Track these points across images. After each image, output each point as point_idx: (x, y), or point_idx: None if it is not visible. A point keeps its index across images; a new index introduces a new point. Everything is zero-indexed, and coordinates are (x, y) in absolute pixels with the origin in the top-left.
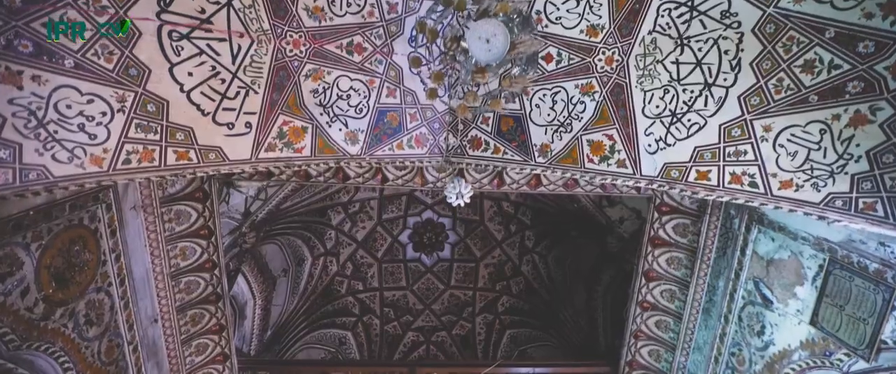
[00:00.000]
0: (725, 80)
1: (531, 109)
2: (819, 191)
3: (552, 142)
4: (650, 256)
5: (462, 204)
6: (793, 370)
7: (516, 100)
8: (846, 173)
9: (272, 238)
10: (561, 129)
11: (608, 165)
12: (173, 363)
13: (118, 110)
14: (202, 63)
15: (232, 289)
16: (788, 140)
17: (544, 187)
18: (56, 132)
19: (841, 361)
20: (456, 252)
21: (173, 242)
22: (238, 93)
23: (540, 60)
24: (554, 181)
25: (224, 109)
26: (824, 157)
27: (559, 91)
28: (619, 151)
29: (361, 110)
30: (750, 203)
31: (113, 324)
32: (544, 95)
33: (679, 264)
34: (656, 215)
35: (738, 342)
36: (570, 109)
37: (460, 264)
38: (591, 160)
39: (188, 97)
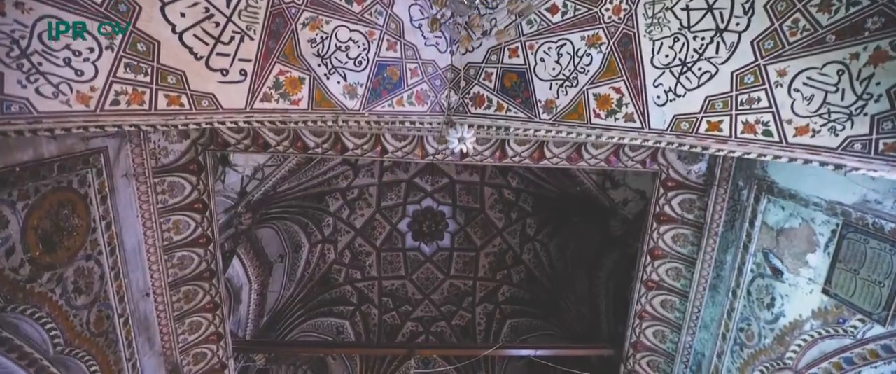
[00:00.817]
0: (737, 24)
1: (535, 64)
2: (837, 135)
3: (557, 97)
4: (656, 233)
5: (466, 150)
6: (804, 340)
7: (520, 54)
8: (865, 115)
9: (268, 222)
10: (566, 83)
11: (615, 119)
12: (166, 340)
13: (106, 47)
14: (195, 4)
15: (227, 271)
16: (804, 84)
17: (547, 160)
18: (40, 64)
19: (855, 328)
20: (456, 241)
21: (166, 214)
22: (233, 38)
23: (544, 12)
24: (557, 154)
25: (218, 54)
26: (842, 99)
27: (564, 43)
28: (626, 105)
29: (361, 63)
30: (762, 157)
31: (103, 294)
32: (549, 49)
33: (685, 241)
34: (662, 190)
35: (747, 316)
36: (576, 63)
37: (460, 253)
38: (597, 115)
39: (180, 39)
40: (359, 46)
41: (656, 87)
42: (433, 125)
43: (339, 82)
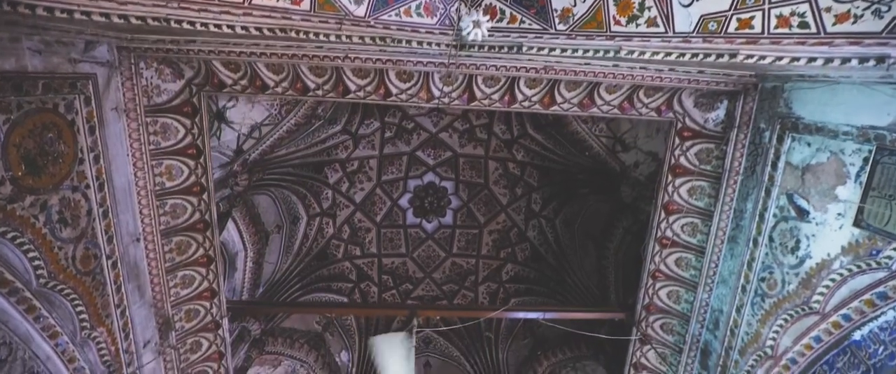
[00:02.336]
0: None
1: None
2: (881, 18)
3: (574, 5)
4: (670, 187)
5: (480, 36)
6: (832, 280)
7: None
8: None
9: (265, 188)
10: None
11: (637, 25)
12: (157, 292)
13: None
14: None
15: (222, 234)
16: None
17: (558, 105)
18: None
19: (889, 258)
20: (458, 218)
21: (158, 157)
22: None
23: None
24: (569, 99)
25: None
26: None
27: None
28: (649, 8)
29: None
30: (795, 62)
31: (90, 231)
32: None
33: (701, 194)
34: (677, 140)
35: (769, 264)
36: None
37: (463, 231)
38: (617, 22)
39: None
40: None
41: None
42: (441, 48)
43: None
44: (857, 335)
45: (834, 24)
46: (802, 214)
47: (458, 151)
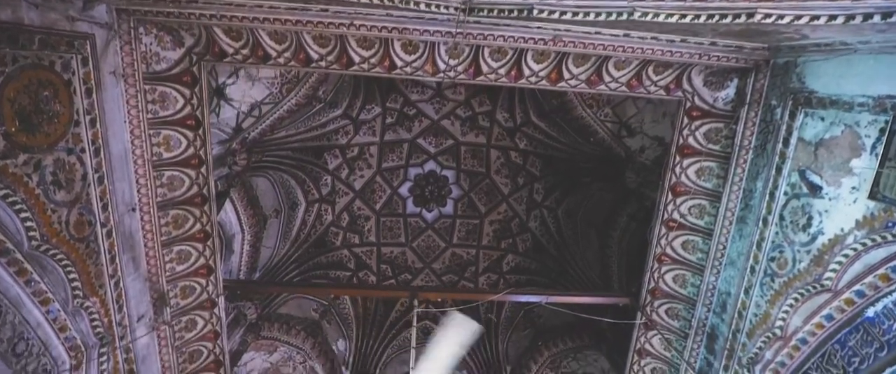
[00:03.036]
0: None
1: None
2: None
3: None
4: (678, 168)
5: None
6: (845, 256)
7: None
8: None
9: (264, 171)
10: None
11: None
12: (152, 266)
13: None
14: None
15: (220, 214)
16: None
17: (565, 81)
18: None
19: None
20: (459, 208)
21: (156, 127)
22: None
23: None
24: (576, 75)
25: None
26: None
27: None
28: None
29: None
30: (815, 22)
31: (85, 197)
32: None
33: (710, 175)
34: (686, 120)
35: (779, 244)
36: None
37: (463, 221)
38: None
39: None
40: None
41: None
42: (449, 11)
43: None
44: (870, 312)
45: None
46: (815, 190)
47: (459, 140)
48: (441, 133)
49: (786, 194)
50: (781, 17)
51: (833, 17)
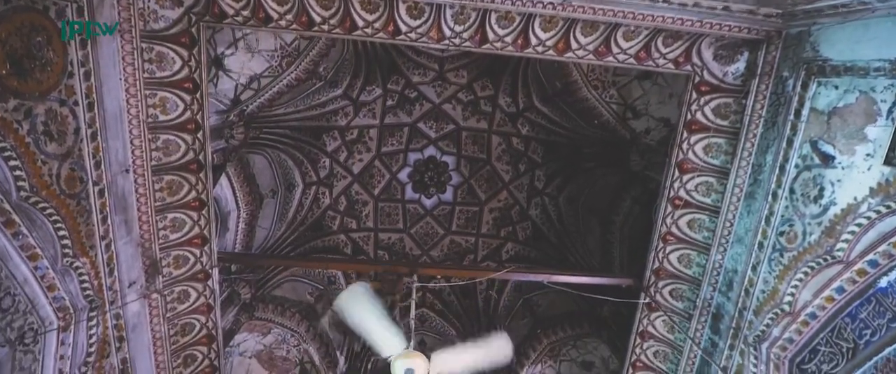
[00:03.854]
0: None
1: None
2: None
3: None
4: (685, 144)
5: None
6: (859, 225)
7: None
8: None
9: (262, 148)
10: None
11: None
12: (145, 231)
13: None
14: None
15: (216, 188)
16: None
17: (573, 51)
18: None
19: None
20: (459, 194)
21: (152, 87)
22: None
23: None
24: (584, 45)
25: None
26: None
27: None
28: None
29: None
30: None
31: (77, 152)
32: None
33: (718, 151)
34: (695, 95)
35: (789, 217)
36: None
37: (463, 208)
38: None
39: None
40: None
41: None
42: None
43: None
44: (883, 282)
45: None
46: (827, 159)
47: (461, 124)
48: (442, 118)
49: (796, 166)
50: None
51: None
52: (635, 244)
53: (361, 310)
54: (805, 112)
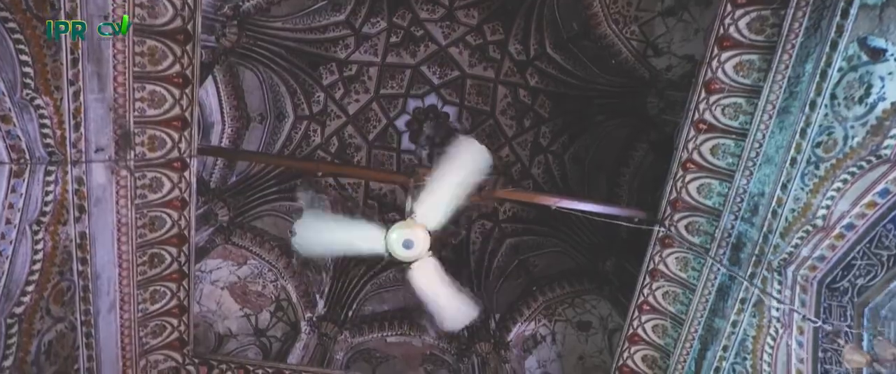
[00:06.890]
0: None
1: None
2: None
3: None
4: (715, 61)
5: None
6: None
7: None
8: None
9: (254, 62)
10: None
11: None
12: (119, 95)
13: None
14: None
15: (201, 92)
16: None
17: None
18: None
19: None
20: None
21: None
22: None
23: None
24: None
25: None
26: None
27: None
28: None
29: None
30: None
31: None
32: None
33: (750, 69)
34: (729, 7)
35: (829, 125)
36: None
37: None
38: None
39: None
40: None
41: None
42: None
43: None
44: None
45: None
46: (877, 54)
47: (466, 71)
48: (447, 62)
49: (840, 69)
50: None
51: None
52: (644, 197)
53: (323, 230)
54: (853, 10)
